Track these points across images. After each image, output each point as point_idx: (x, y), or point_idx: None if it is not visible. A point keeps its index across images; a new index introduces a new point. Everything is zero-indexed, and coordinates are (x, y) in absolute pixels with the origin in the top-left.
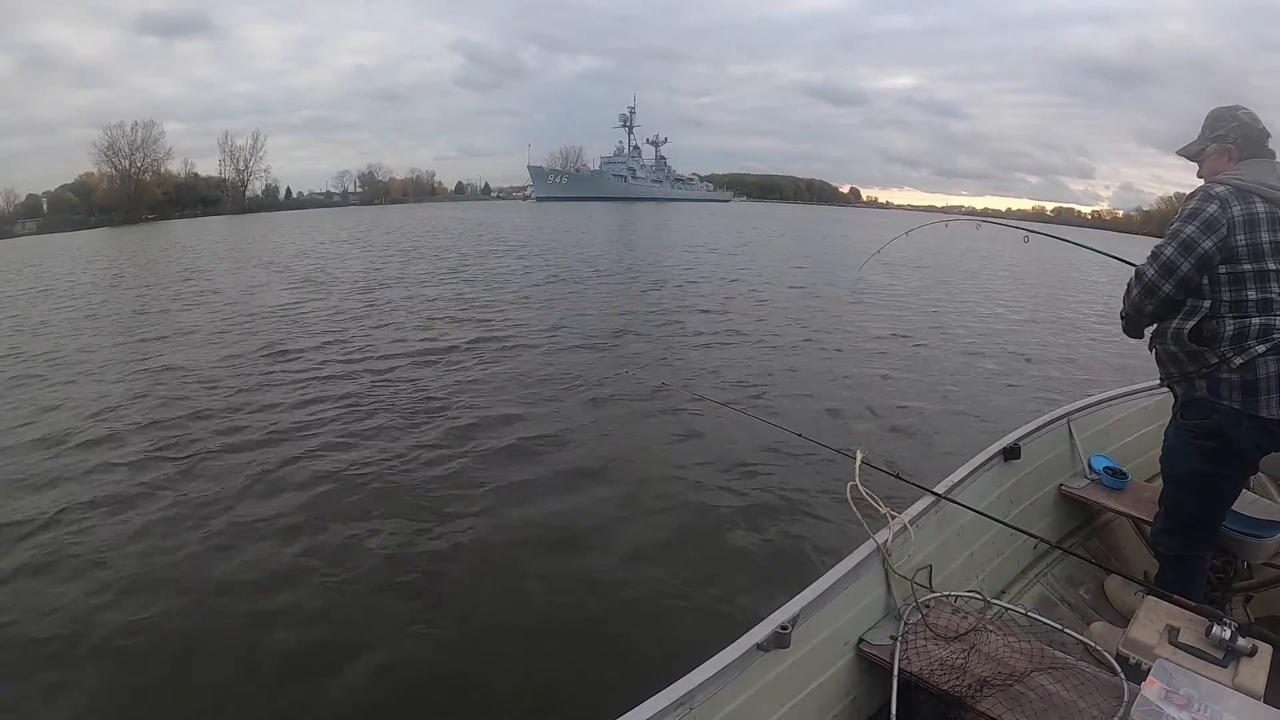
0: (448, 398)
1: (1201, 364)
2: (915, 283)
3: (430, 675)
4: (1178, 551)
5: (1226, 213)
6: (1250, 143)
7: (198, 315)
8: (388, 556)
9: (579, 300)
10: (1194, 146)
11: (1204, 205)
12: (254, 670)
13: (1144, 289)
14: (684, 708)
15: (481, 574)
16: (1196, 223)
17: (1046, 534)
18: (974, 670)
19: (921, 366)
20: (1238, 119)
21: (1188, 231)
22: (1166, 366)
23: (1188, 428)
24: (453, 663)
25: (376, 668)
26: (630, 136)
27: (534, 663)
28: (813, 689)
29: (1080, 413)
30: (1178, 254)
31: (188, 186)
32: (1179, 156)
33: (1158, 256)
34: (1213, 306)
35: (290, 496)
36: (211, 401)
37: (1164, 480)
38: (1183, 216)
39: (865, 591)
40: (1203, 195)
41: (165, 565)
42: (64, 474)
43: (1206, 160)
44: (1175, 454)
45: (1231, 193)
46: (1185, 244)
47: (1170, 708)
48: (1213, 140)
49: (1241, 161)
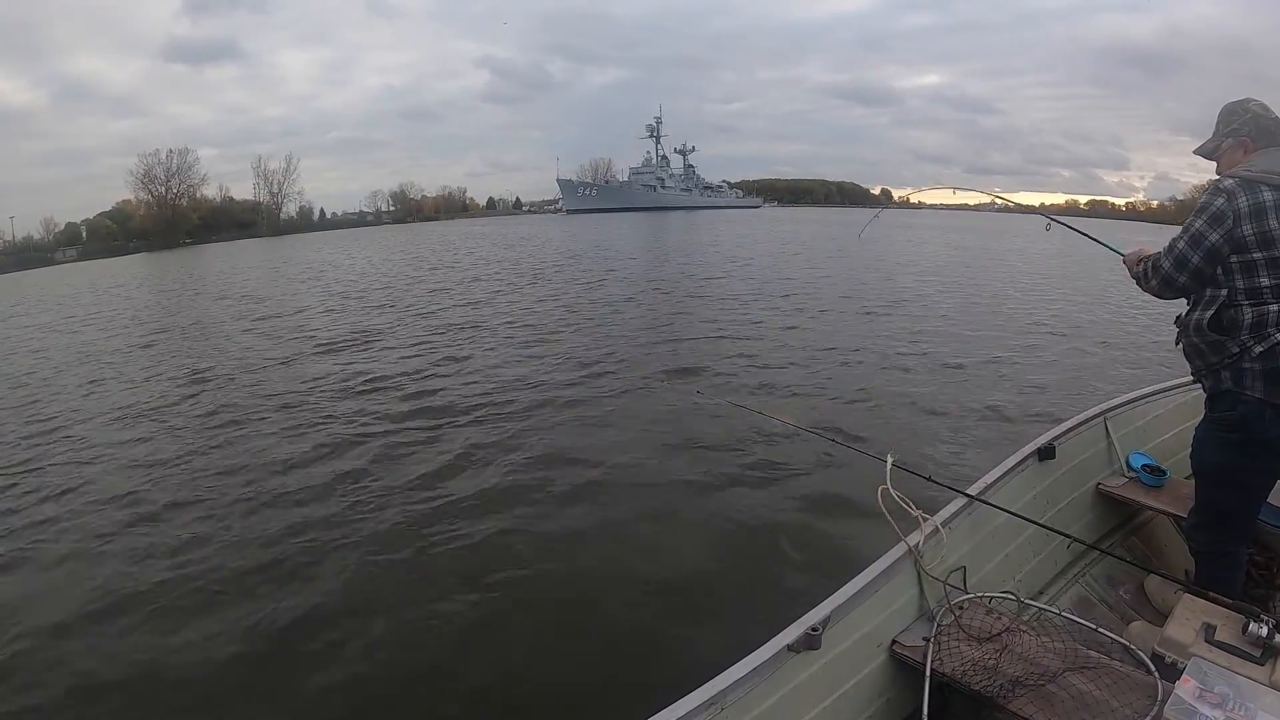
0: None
1: (1224, 354)
2: (944, 284)
3: (460, 674)
4: (1211, 547)
5: (1233, 204)
6: (1264, 134)
7: (254, 338)
8: (423, 551)
9: (618, 313)
10: (1210, 144)
11: (1212, 199)
12: (292, 673)
13: (1162, 280)
14: (715, 707)
15: (515, 572)
16: (1204, 216)
17: (1084, 534)
18: (1007, 671)
19: (953, 369)
20: (1250, 111)
21: (1196, 225)
22: (1193, 360)
23: (1215, 420)
24: (482, 661)
25: (412, 663)
26: (658, 146)
27: (566, 662)
28: (845, 690)
29: (1117, 410)
30: (1188, 247)
31: (223, 210)
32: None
33: (1172, 250)
34: (1229, 295)
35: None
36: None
37: (1194, 475)
38: (1194, 211)
39: (897, 593)
40: (1212, 189)
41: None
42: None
43: (1223, 155)
44: (1203, 447)
45: (1238, 184)
46: (1194, 237)
47: (1204, 706)
48: (1227, 135)
49: (1259, 151)
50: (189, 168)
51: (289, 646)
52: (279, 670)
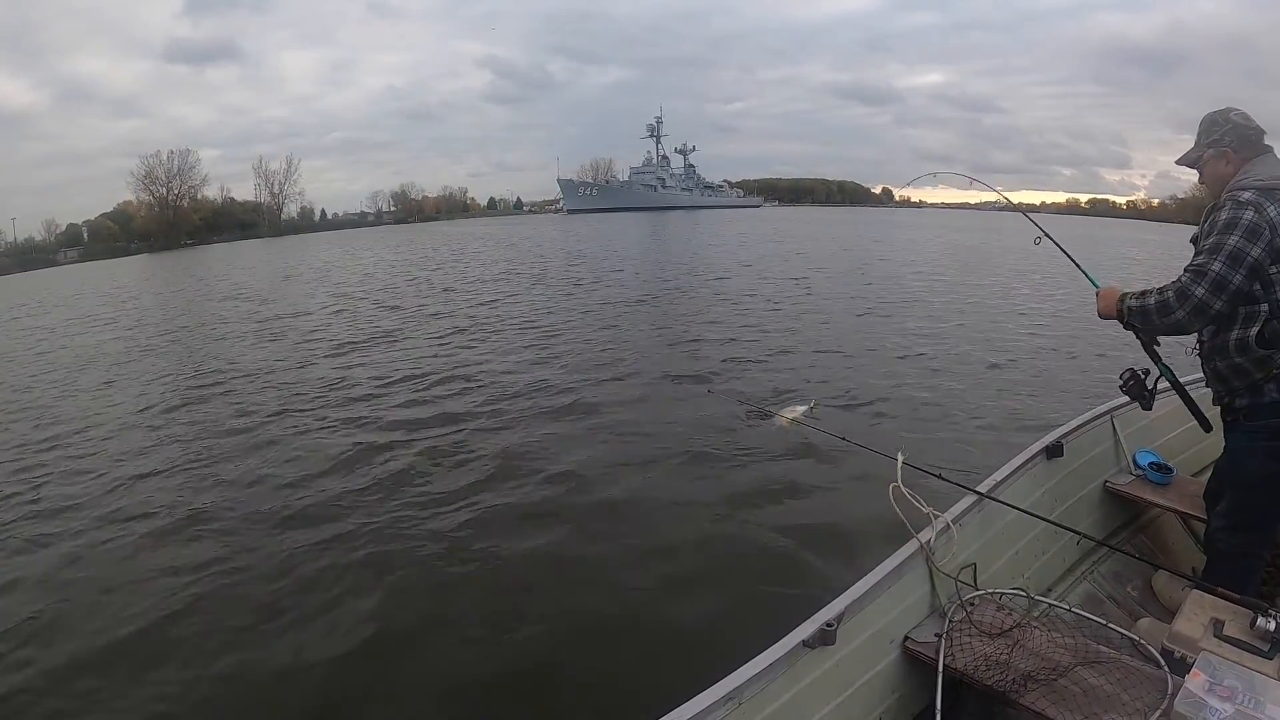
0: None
1: (1270, 367)
2: (949, 282)
3: (476, 672)
4: (1240, 549)
5: (1264, 215)
6: (1246, 143)
7: (250, 344)
8: (437, 551)
9: (622, 314)
10: (1192, 154)
11: (1239, 213)
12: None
13: (1193, 310)
14: (732, 703)
15: (528, 567)
16: (1239, 232)
17: (1092, 531)
18: (1018, 666)
19: (961, 368)
20: (1231, 121)
21: (1233, 243)
22: (1229, 381)
23: (1258, 430)
24: (499, 659)
25: (431, 658)
26: (658, 146)
27: (583, 658)
28: (859, 686)
29: (1124, 409)
30: (1228, 268)
31: (224, 211)
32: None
33: (1204, 274)
34: (1271, 308)
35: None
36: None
37: (1230, 486)
38: (1220, 229)
39: (909, 590)
40: (1233, 204)
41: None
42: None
43: (1206, 165)
44: (1245, 458)
45: (1259, 195)
46: (1233, 256)
47: (1214, 699)
48: (1209, 145)
49: (1249, 161)
50: (190, 169)
51: (301, 652)
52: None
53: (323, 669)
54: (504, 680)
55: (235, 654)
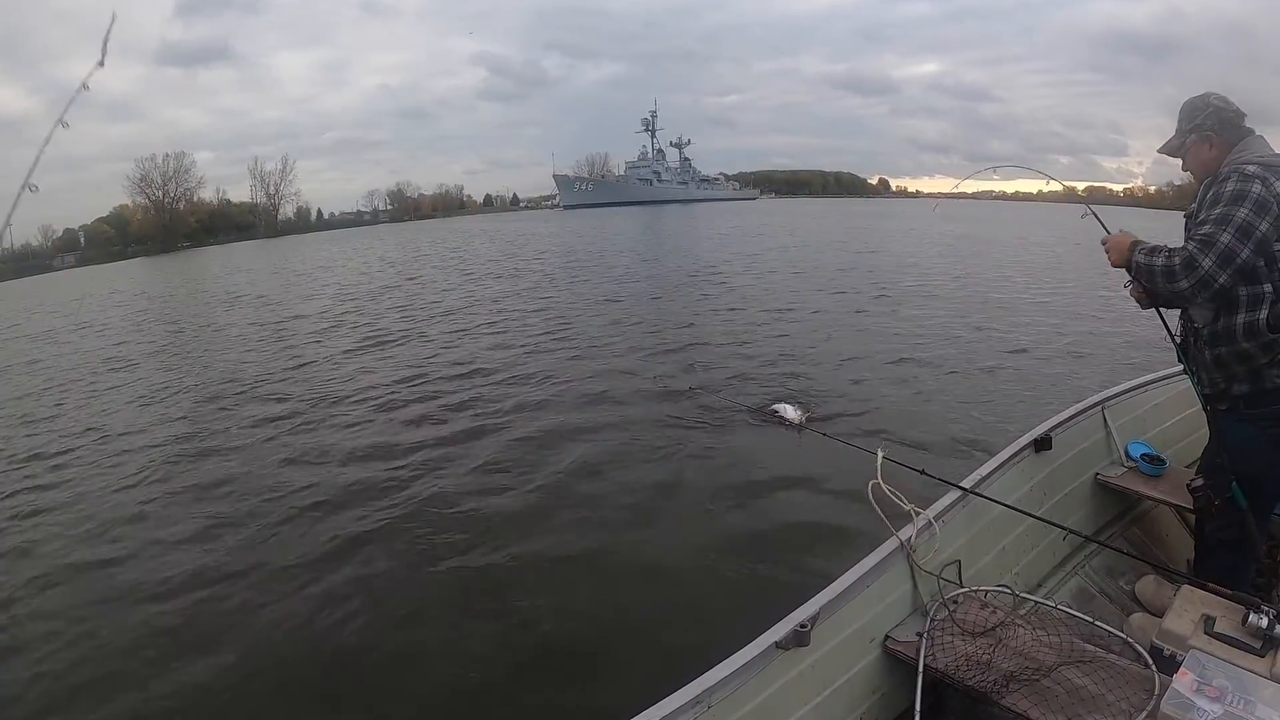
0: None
1: (1274, 353)
2: (939, 276)
3: (441, 672)
4: (1238, 536)
5: (1271, 190)
6: (1228, 126)
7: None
8: (425, 553)
9: (610, 308)
10: (1174, 141)
11: (1246, 185)
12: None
13: (1198, 282)
14: (701, 706)
15: (496, 570)
16: (1247, 205)
17: (1083, 525)
18: (1001, 665)
19: (945, 362)
20: (1211, 105)
21: (1242, 215)
22: (1231, 367)
23: (1261, 417)
24: (461, 660)
25: (410, 659)
26: (653, 140)
27: (547, 660)
28: (837, 687)
29: (1114, 399)
30: (1235, 240)
31: (221, 214)
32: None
33: (1212, 244)
34: (1275, 289)
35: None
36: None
37: (1237, 475)
38: (1227, 199)
39: (890, 588)
40: (1239, 176)
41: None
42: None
43: (1189, 152)
44: (1250, 447)
45: (1264, 169)
46: (1242, 228)
47: (1202, 700)
48: (1191, 131)
49: (1238, 143)
50: (186, 171)
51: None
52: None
53: (322, 665)
54: (461, 683)
55: (235, 654)
